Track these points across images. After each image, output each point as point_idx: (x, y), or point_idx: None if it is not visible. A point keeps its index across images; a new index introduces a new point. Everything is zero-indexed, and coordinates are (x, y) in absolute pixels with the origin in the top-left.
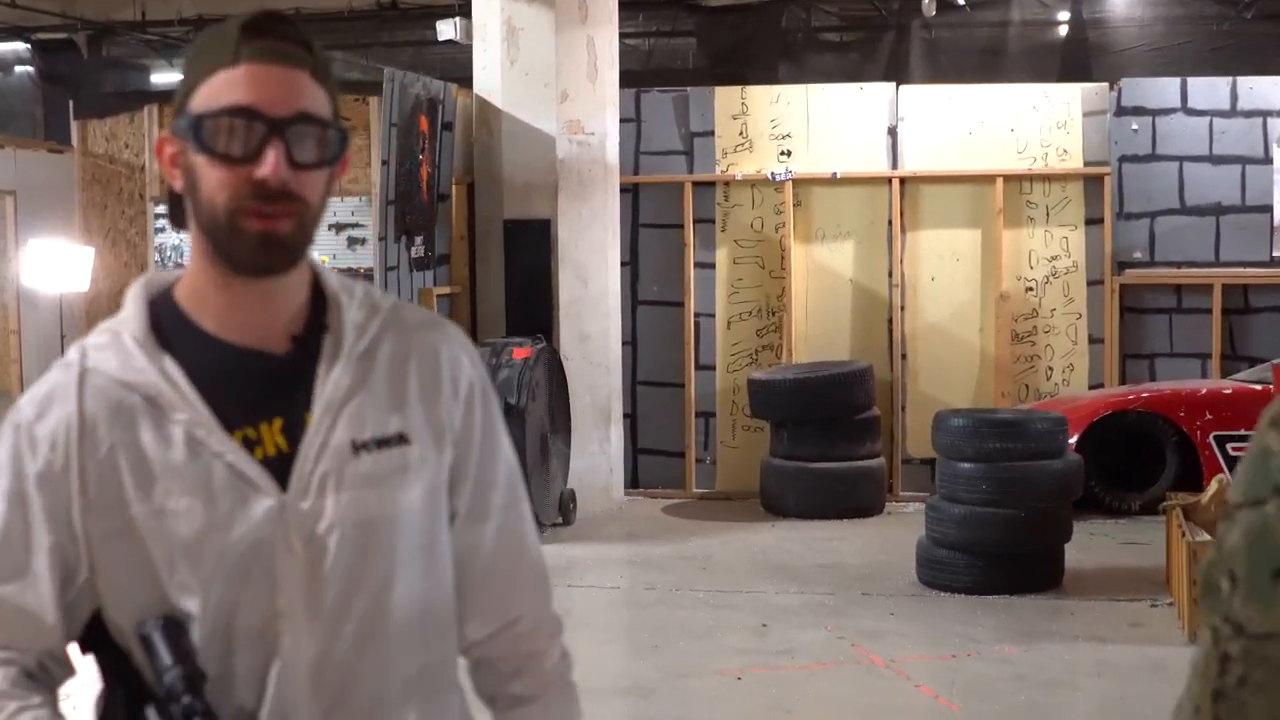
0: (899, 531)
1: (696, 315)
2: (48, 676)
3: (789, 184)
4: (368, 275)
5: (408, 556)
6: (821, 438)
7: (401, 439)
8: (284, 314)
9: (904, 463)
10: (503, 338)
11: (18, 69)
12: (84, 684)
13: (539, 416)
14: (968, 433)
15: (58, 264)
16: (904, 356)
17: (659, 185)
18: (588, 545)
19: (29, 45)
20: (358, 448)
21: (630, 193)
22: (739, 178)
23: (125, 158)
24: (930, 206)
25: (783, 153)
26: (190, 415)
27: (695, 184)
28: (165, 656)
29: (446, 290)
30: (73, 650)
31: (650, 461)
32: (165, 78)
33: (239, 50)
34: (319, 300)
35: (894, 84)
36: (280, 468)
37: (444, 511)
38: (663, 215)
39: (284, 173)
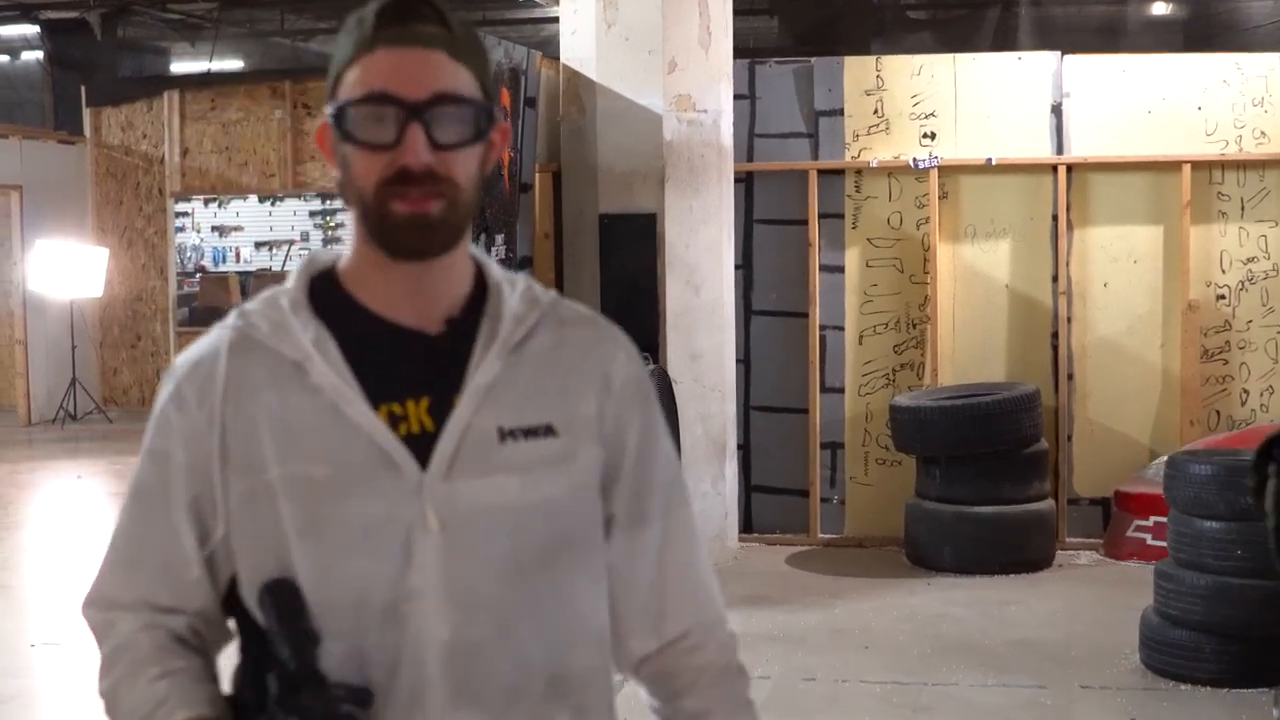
0: (1083, 592)
1: (822, 328)
2: (200, 640)
3: (934, 172)
4: None
5: (551, 550)
6: (983, 476)
7: (549, 430)
8: (443, 297)
9: (1070, 503)
10: None
11: (25, 53)
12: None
13: None
14: (1218, 483)
15: (68, 266)
16: (1070, 377)
17: (777, 174)
18: None
19: (37, 26)
20: (504, 434)
21: (743, 182)
22: (873, 164)
23: (143, 149)
24: (1102, 199)
25: (926, 135)
26: (336, 385)
27: (821, 172)
28: (272, 622)
29: None
30: None
31: (766, 502)
32: (188, 62)
33: (375, 36)
34: (480, 293)
35: (1058, 53)
36: (423, 446)
37: (595, 512)
38: (782, 209)
39: (426, 155)
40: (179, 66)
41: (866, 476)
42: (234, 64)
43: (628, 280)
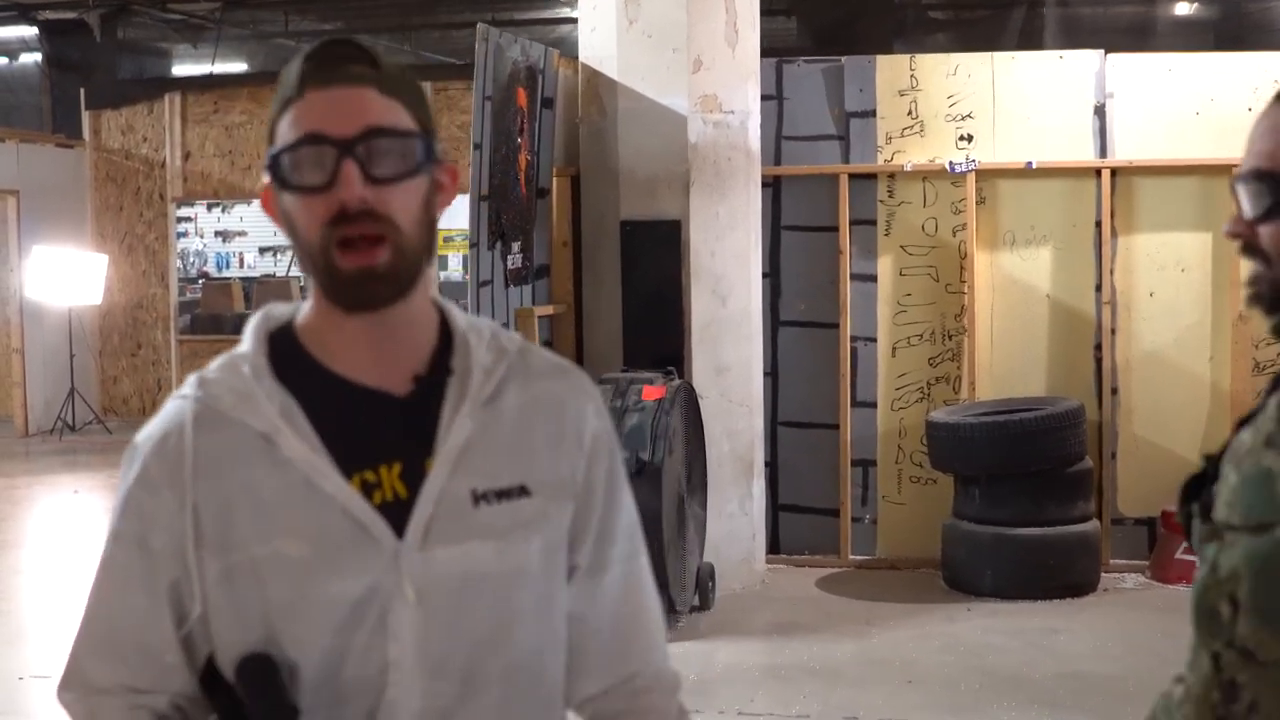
0: (1131, 619)
1: (853, 339)
2: (181, 716)
3: (971, 176)
4: None
5: (523, 612)
6: (1025, 496)
7: (523, 491)
8: (406, 352)
9: (1114, 523)
10: (625, 371)
11: (23, 55)
12: None
13: (676, 475)
14: None
15: (66, 273)
16: (1114, 391)
17: (806, 178)
18: (738, 642)
19: (35, 27)
20: (478, 498)
21: (770, 187)
22: (907, 168)
23: (143, 153)
24: (1148, 204)
25: (962, 137)
26: (308, 457)
27: (852, 176)
28: (254, 697)
29: (549, 310)
30: None
31: (794, 521)
32: (189, 65)
33: (303, 82)
34: (446, 340)
35: (1100, 51)
36: (398, 514)
37: (562, 567)
38: (811, 215)
39: (360, 190)
40: (180, 68)
41: (900, 495)
42: (236, 66)
43: (651, 290)
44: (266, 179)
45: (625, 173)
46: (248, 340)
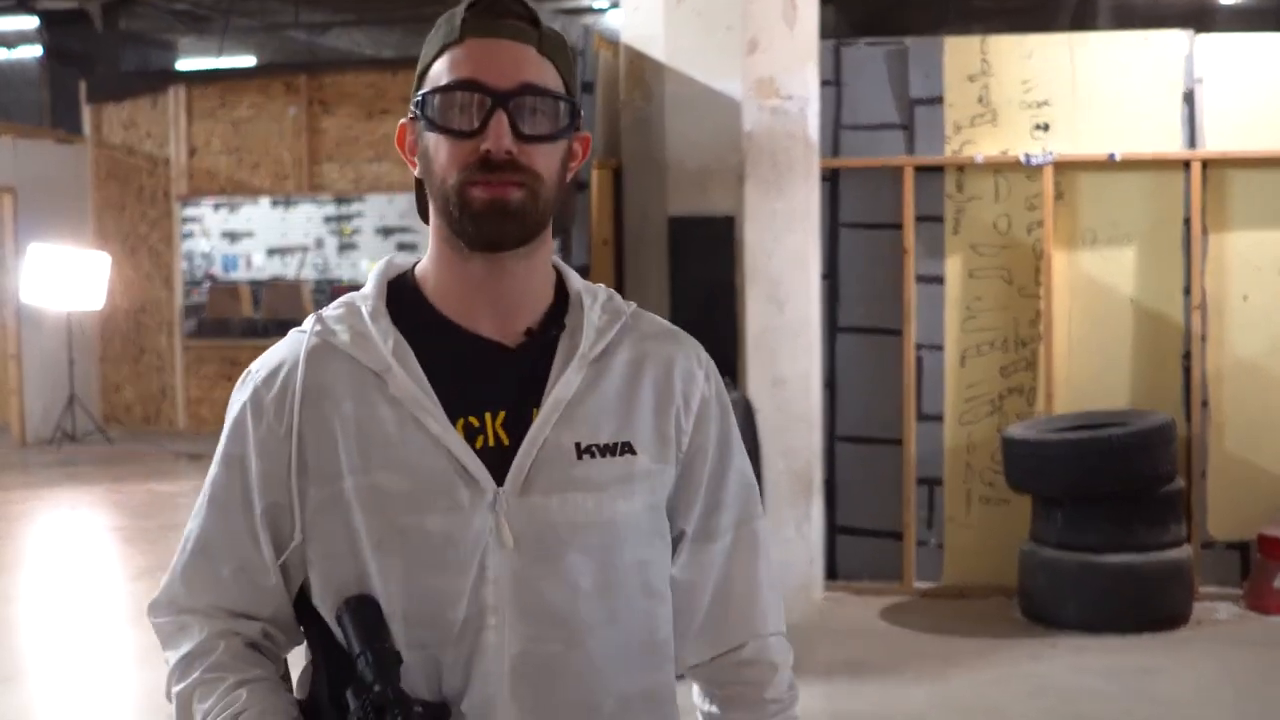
0: (1232, 656)
1: (918, 347)
2: (273, 646)
3: (1048, 169)
4: None
5: (623, 567)
6: (1112, 519)
7: (627, 448)
8: (522, 305)
9: (1204, 547)
10: None
11: (21, 46)
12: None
13: None
14: None
15: (66, 275)
16: (1205, 404)
17: (867, 171)
18: (799, 684)
19: (34, 16)
20: (581, 451)
21: (828, 181)
22: (978, 160)
23: (147, 149)
24: (1242, 199)
25: (1038, 126)
26: (415, 396)
27: (918, 169)
28: (356, 640)
29: None
30: None
31: (853, 545)
32: (194, 57)
33: (464, 27)
34: (561, 305)
35: (1190, 32)
36: (499, 460)
37: (665, 528)
38: (872, 211)
39: (509, 143)
40: (185, 61)
41: (968, 517)
42: (245, 59)
43: (701, 294)
44: (408, 116)
45: (673, 164)
46: (370, 284)
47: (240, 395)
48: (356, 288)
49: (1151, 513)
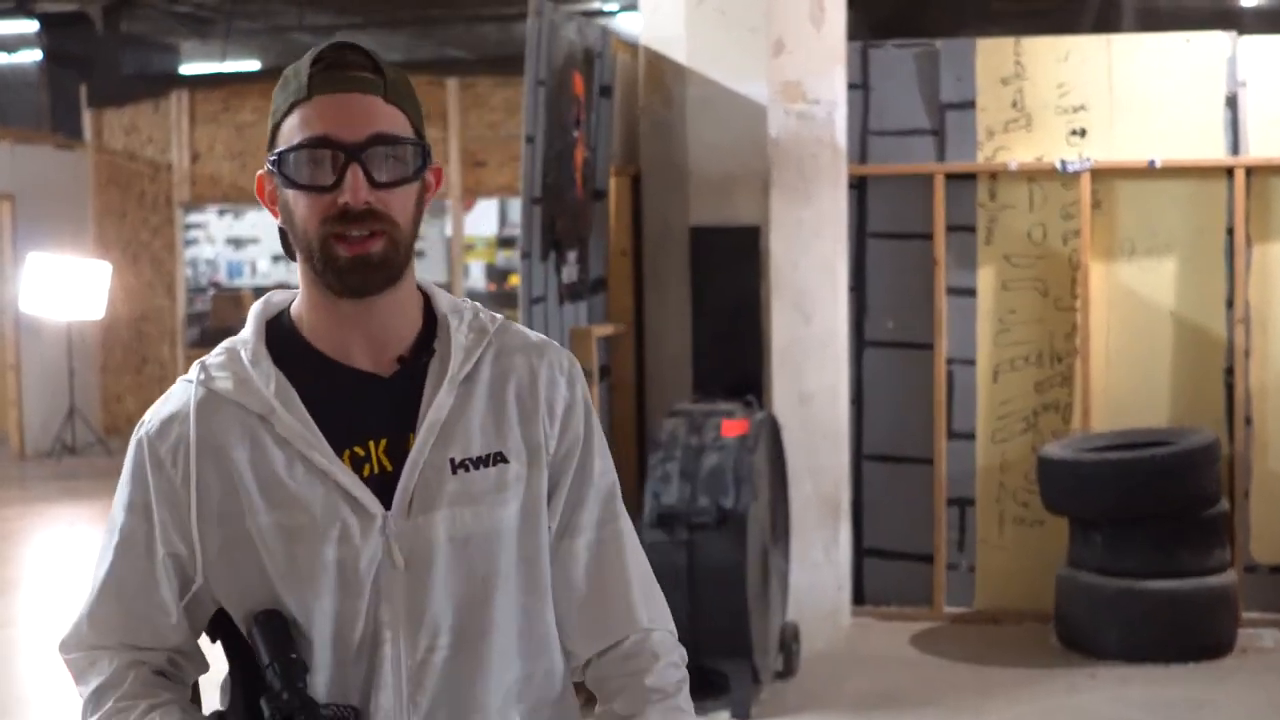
0: None
1: (949, 362)
2: (178, 672)
3: (1084, 176)
4: None
5: (506, 571)
6: (1154, 543)
7: (499, 458)
8: (392, 337)
9: (1247, 571)
10: (698, 401)
11: (20, 50)
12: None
13: (761, 523)
14: None
15: (65, 284)
16: (1248, 421)
17: (896, 178)
18: (831, 718)
19: (33, 19)
20: (456, 467)
21: (855, 188)
22: (1012, 167)
23: (148, 154)
24: None
25: (1075, 132)
26: (300, 434)
27: (948, 176)
28: (265, 652)
29: (608, 330)
30: (203, 640)
31: (881, 568)
32: (197, 60)
33: (312, 85)
34: (430, 327)
35: (1233, 33)
36: (384, 485)
37: (544, 528)
38: (901, 220)
39: (365, 194)
40: (188, 65)
41: (1001, 539)
42: (248, 63)
43: (725, 307)
44: (266, 169)
45: (695, 172)
46: (249, 327)
47: (134, 450)
48: None
49: (1195, 536)
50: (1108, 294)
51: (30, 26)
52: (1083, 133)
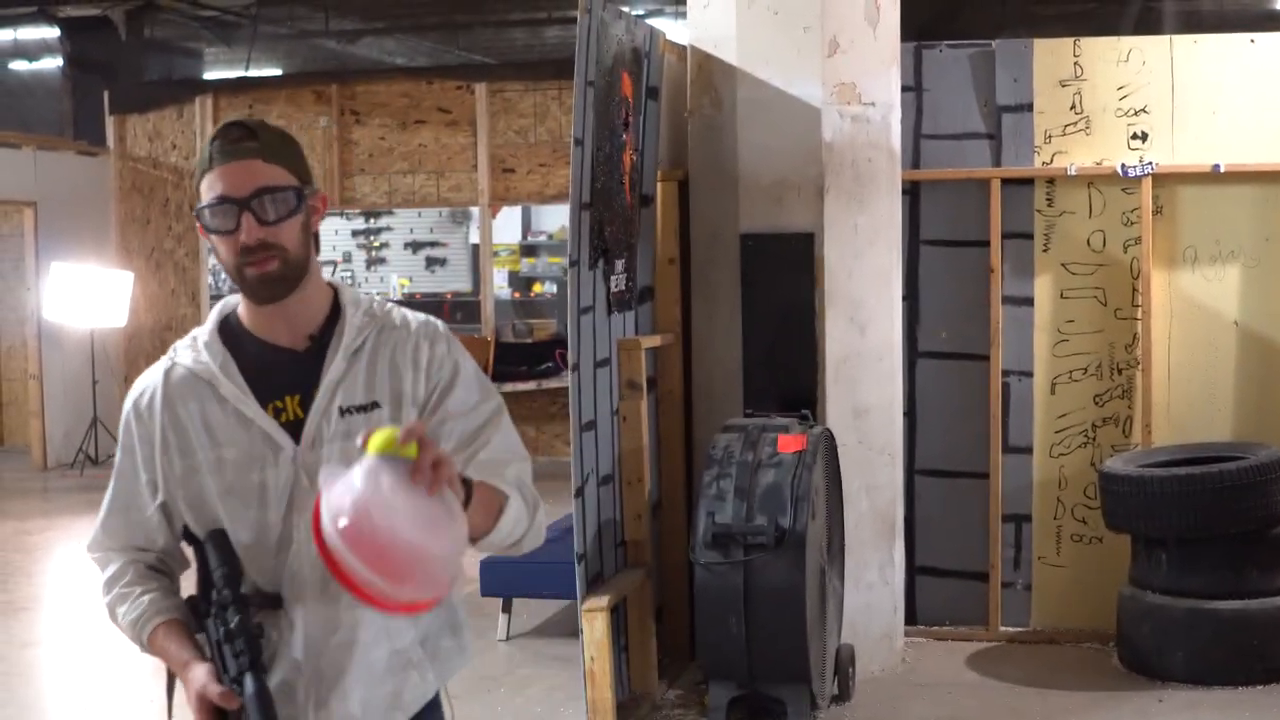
0: None
1: (1005, 374)
2: (166, 568)
3: (1146, 181)
4: (457, 301)
5: None
6: (1223, 562)
7: (374, 405)
8: (303, 322)
9: None
10: (754, 415)
11: (43, 57)
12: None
13: (818, 543)
14: None
15: (88, 292)
16: None
17: (950, 184)
18: None
19: (55, 25)
20: (344, 412)
21: (908, 194)
22: (1071, 172)
23: (172, 161)
24: None
25: (1136, 135)
26: (236, 395)
27: (1005, 181)
28: (214, 560)
29: (656, 341)
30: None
31: (934, 586)
32: (221, 65)
33: (212, 159)
34: (336, 311)
35: None
36: (296, 428)
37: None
38: (956, 227)
39: (257, 233)
40: (212, 70)
41: (1059, 557)
42: (273, 70)
43: (777, 317)
44: (197, 220)
45: (746, 176)
46: (209, 320)
47: (127, 405)
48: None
49: (1266, 555)
50: (1170, 303)
51: (52, 32)
52: (1144, 136)
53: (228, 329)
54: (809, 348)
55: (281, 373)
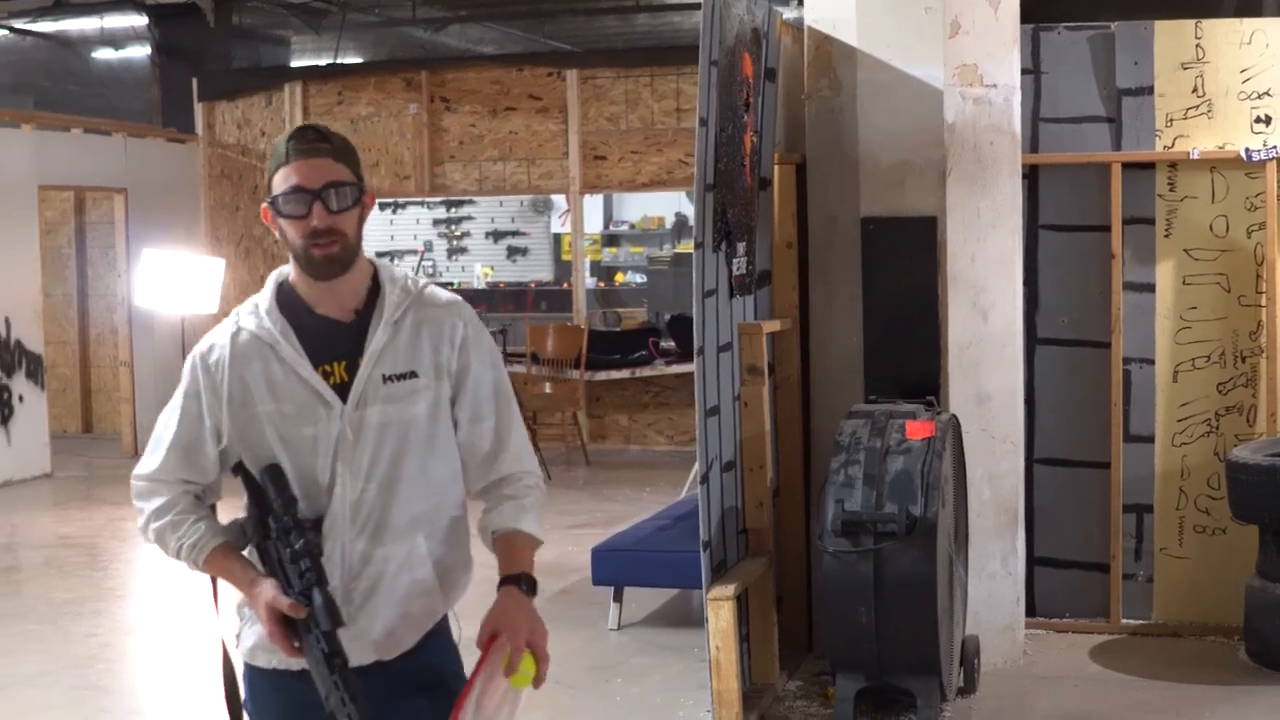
0: None
1: (1126, 361)
2: (207, 498)
3: (1270, 166)
4: (540, 290)
5: (415, 442)
6: None
7: (413, 374)
8: (349, 297)
9: None
10: (879, 402)
11: (131, 45)
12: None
13: (948, 532)
14: None
15: (178, 278)
16: None
17: (1069, 168)
18: None
19: (143, 13)
20: (386, 379)
21: (1026, 179)
22: (1193, 156)
23: (260, 148)
24: None
25: (1260, 119)
26: (294, 356)
27: (1125, 166)
28: (271, 490)
29: (776, 326)
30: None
31: (1052, 578)
32: (308, 53)
33: (288, 154)
34: (377, 287)
35: None
36: (343, 390)
37: (446, 418)
38: (1075, 212)
39: (326, 219)
40: (299, 58)
41: (1181, 548)
42: (357, 58)
43: (898, 302)
44: (265, 204)
45: (866, 160)
46: (266, 289)
47: (193, 357)
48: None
49: None
50: None
51: (140, 20)
52: (1268, 120)
53: (284, 298)
54: (931, 333)
55: (331, 341)
